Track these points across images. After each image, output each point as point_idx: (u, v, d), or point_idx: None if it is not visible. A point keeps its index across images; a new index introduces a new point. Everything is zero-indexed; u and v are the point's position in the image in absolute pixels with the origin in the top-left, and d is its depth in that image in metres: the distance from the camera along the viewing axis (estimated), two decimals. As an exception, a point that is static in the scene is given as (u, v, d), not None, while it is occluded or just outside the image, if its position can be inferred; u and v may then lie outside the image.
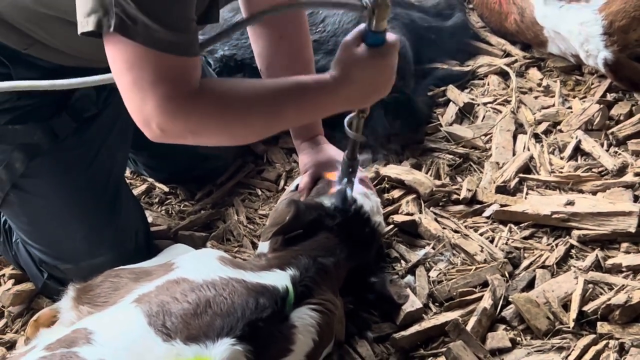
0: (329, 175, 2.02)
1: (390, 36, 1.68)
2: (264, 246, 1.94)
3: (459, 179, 2.32)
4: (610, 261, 1.99)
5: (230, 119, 1.61)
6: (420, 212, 2.21)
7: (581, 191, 2.21)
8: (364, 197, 2.00)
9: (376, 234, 2.00)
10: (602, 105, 2.45)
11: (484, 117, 2.53)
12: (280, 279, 1.69)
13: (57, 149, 1.95)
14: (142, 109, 1.53)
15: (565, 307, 1.90)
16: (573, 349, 1.80)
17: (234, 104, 1.61)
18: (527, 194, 2.23)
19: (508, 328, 1.88)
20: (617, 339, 1.81)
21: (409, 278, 2.02)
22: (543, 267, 2.01)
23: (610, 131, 2.39)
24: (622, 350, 1.78)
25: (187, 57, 1.54)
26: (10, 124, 1.91)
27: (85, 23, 1.50)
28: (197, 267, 1.70)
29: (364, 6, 1.61)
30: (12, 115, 1.90)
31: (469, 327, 1.85)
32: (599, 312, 1.85)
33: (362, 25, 1.66)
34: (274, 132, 1.81)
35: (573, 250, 2.05)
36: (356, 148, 1.91)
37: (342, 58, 1.67)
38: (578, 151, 2.36)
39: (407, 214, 2.20)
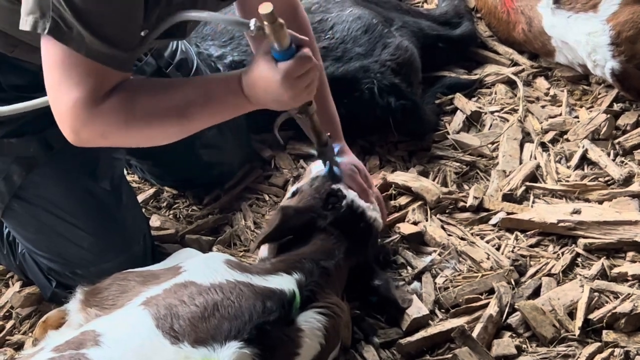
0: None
1: (302, 51, 1.65)
2: (264, 251, 1.96)
3: (465, 187, 2.33)
4: (616, 270, 2.00)
5: (137, 123, 1.65)
6: (427, 219, 2.22)
7: (587, 200, 2.22)
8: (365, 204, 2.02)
9: (372, 228, 2.01)
10: (608, 115, 2.45)
11: (491, 125, 2.54)
12: (287, 282, 1.70)
13: (55, 160, 1.97)
14: (58, 109, 1.61)
15: (571, 315, 1.90)
16: (578, 357, 1.81)
17: (140, 109, 1.65)
18: (533, 202, 2.24)
19: (514, 335, 1.89)
20: (623, 347, 1.82)
21: (416, 284, 2.02)
22: (549, 275, 2.02)
23: (616, 141, 2.40)
24: (627, 358, 1.79)
25: (118, 71, 1.61)
26: (6, 137, 1.93)
27: (24, 21, 1.57)
28: (204, 270, 1.71)
29: (248, 26, 1.60)
30: (7, 129, 1.92)
31: (474, 334, 1.86)
32: (605, 321, 1.86)
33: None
34: (189, 132, 1.78)
35: (579, 259, 2.06)
36: (321, 135, 1.93)
37: (254, 59, 1.69)
38: (585, 160, 2.37)
39: (414, 222, 2.21)
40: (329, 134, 1.98)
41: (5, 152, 1.95)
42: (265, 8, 1.55)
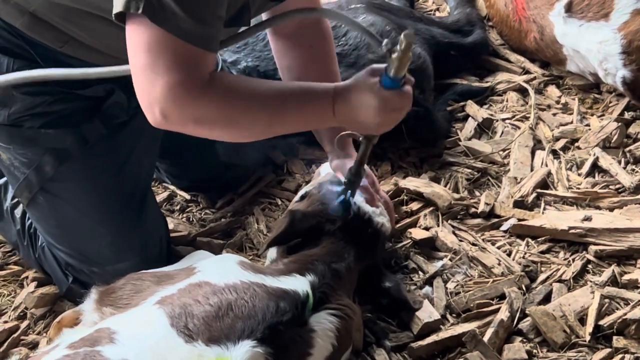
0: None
1: (407, 87, 1.70)
2: (272, 253, 1.98)
3: (477, 193, 2.34)
4: (626, 277, 2.01)
5: (236, 112, 1.63)
6: (438, 224, 2.23)
7: (598, 207, 2.23)
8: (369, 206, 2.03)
9: (380, 234, 2.02)
10: (619, 123, 2.47)
11: (502, 132, 2.56)
12: (300, 284, 1.71)
13: (87, 155, 1.98)
14: (150, 91, 1.55)
15: (582, 321, 1.91)
16: (589, 363, 1.81)
17: (242, 98, 1.63)
18: (544, 209, 2.25)
19: (524, 340, 1.90)
20: (633, 353, 1.82)
21: (427, 289, 2.04)
22: (560, 281, 2.03)
23: (627, 149, 2.42)
24: (637, 364, 1.80)
25: (206, 51, 1.57)
26: (43, 127, 1.94)
27: (116, 4, 1.53)
28: (218, 271, 1.72)
29: (381, 44, 1.64)
30: (45, 120, 1.93)
31: (485, 339, 1.86)
32: (615, 327, 1.87)
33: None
34: (273, 133, 1.78)
35: (590, 265, 2.07)
36: (362, 167, 1.93)
37: (357, 76, 1.71)
38: (595, 168, 2.38)
39: (425, 228, 2.22)
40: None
41: (41, 142, 1.95)
42: (410, 36, 1.59)
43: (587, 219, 2.14)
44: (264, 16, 2.07)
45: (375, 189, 2.13)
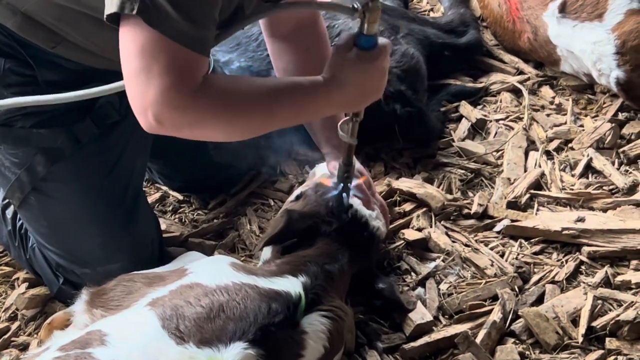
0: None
1: (382, 40, 1.71)
2: (266, 253, 1.97)
3: (470, 194, 2.34)
4: (619, 278, 2.00)
5: (229, 114, 1.61)
6: (431, 225, 2.23)
7: (592, 208, 2.23)
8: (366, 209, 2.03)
9: (375, 237, 2.02)
10: (613, 124, 2.47)
11: (496, 133, 2.55)
12: (293, 285, 1.71)
13: (79, 155, 1.97)
14: (143, 95, 1.52)
15: (574, 322, 1.91)
16: (581, 364, 1.81)
17: (234, 100, 1.61)
18: (537, 210, 2.24)
19: (517, 342, 1.89)
20: (626, 354, 1.82)
21: (419, 290, 2.03)
22: (553, 282, 2.02)
23: (621, 150, 2.42)
24: (630, 366, 1.80)
25: (200, 54, 1.56)
26: (35, 127, 1.93)
27: (109, 5, 1.51)
28: (210, 272, 1.72)
29: (354, 9, 1.64)
30: (37, 119, 1.93)
31: (478, 340, 1.86)
32: (608, 328, 1.87)
33: (355, 30, 1.70)
34: (267, 130, 1.77)
35: (583, 267, 2.07)
36: (352, 153, 1.92)
37: (334, 61, 1.70)
38: (589, 169, 2.38)
39: (418, 229, 2.22)
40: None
41: (33, 142, 1.95)
42: None
43: (581, 220, 2.14)
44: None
45: (371, 191, 2.12)
